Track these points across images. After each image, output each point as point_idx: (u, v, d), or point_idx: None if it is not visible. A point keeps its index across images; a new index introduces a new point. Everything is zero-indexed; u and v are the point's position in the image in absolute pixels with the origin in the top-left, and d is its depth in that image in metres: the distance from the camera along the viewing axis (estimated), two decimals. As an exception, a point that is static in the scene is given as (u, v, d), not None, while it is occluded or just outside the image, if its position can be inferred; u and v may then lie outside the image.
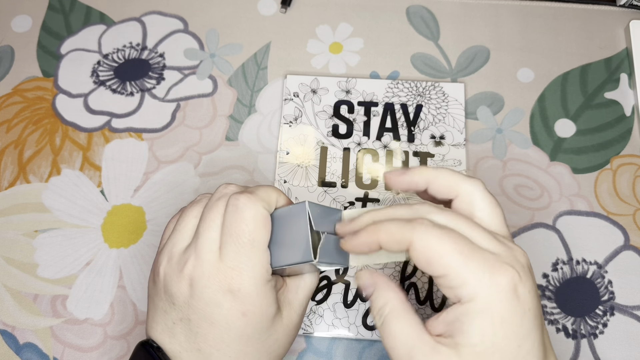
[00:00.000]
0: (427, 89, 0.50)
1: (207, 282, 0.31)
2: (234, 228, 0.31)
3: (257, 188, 0.33)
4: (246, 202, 0.31)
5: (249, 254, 0.31)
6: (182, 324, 0.31)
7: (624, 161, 0.48)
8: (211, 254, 0.31)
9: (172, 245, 0.33)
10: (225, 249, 0.31)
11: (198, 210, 0.33)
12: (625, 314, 0.43)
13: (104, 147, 0.49)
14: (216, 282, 0.31)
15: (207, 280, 0.31)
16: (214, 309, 0.31)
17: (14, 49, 0.53)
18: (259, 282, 0.31)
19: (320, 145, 0.48)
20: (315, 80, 0.51)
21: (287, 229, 0.32)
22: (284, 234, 0.32)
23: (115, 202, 0.47)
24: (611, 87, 0.51)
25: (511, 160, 0.48)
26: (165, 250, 0.33)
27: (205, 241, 0.31)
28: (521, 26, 0.54)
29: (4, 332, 0.43)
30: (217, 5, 0.55)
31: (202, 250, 0.31)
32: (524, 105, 0.50)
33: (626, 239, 0.45)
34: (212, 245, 0.31)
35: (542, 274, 0.44)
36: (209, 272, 0.31)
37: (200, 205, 0.34)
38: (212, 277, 0.31)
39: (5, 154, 0.49)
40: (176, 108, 0.51)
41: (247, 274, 0.31)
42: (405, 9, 0.54)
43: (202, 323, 0.31)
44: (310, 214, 0.31)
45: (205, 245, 0.31)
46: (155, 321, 0.33)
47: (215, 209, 0.32)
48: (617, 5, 0.54)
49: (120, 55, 0.53)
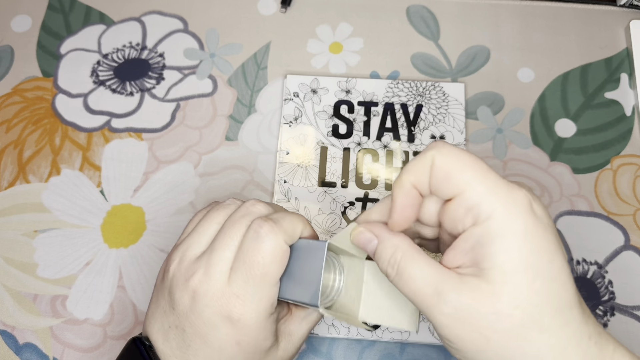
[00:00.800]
0: (427, 89, 0.50)
1: (209, 302, 0.30)
2: (249, 257, 0.30)
3: (283, 216, 0.31)
4: (268, 233, 0.30)
5: (258, 287, 0.30)
6: (177, 331, 0.31)
7: (624, 161, 0.48)
8: (220, 275, 0.30)
9: (187, 246, 0.32)
10: (235, 275, 0.30)
11: (222, 217, 0.32)
12: (625, 314, 0.43)
13: (103, 147, 0.49)
14: (218, 305, 0.30)
15: (209, 300, 0.30)
16: (210, 330, 0.30)
17: (13, 48, 0.53)
18: (261, 316, 0.30)
19: (320, 145, 0.48)
20: (315, 80, 0.51)
21: (303, 264, 0.31)
22: (298, 268, 0.31)
23: (115, 202, 0.47)
24: (611, 87, 0.51)
25: (511, 160, 0.48)
26: (180, 250, 0.32)
27: (218, 260, 0.30)
28: (521, 26, 0.54)
29: (4, 332, 0.43)
30: (217, 5, 0.55)
31: (212, 267, 0.30)
32: (524, 105, 0.50)
33: (626, 239, 0.45)
34: (223, 265, 0.30)
35: (543, 274, 0.44)
36: (214, 292, 0.30)
37: (226, 211, 0.33)
38: (215, 299, 0.30)
39: (5, 154, 0.49)
40: (176, 108, 0.50)
41: (250, 306, 0.30)
42: (406, 9, 0.54)
43: (196, 339, 0.31)
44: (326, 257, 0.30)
45: (217, 263, 0.30)
46: (154, 318, 0.32)
47: (236, 227, 0.31)
48: (618, 5, 0.54)
49: (120, 55, 0.53)
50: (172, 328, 0.31)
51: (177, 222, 0.46)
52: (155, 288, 0.34)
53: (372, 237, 0.28)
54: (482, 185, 0.25)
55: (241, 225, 0.31)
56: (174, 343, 0.31)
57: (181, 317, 0.31)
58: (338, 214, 0.46)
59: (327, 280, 0.31)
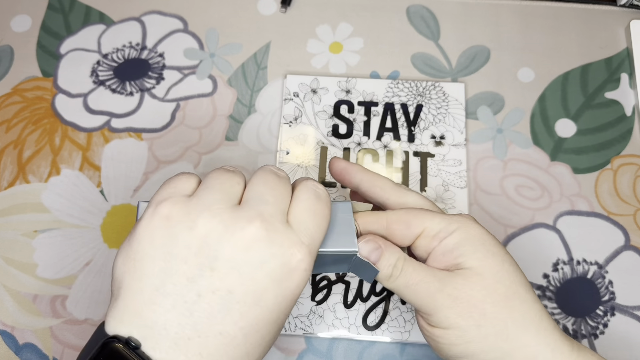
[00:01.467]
0: (428, 89, 0.50)
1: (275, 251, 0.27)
2: (320, 210, 0.30)
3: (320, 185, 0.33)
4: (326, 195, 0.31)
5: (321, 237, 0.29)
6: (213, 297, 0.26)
7: (624, 161, 0.48)
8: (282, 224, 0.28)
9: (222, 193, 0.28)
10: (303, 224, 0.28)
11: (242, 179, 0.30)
12: (625, 314, 0.43)
13: (103, 147, 0.49)
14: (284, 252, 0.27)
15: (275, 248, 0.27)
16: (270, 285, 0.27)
17: (13, 48, 0.53)
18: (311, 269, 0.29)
19: (320, 145, 0.48)
20: (315, 80, 0.50)
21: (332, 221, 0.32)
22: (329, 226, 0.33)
23: (115, 202, 0.47)
24: (612, 87, 0.51)
25: (512, 160, 0.48)
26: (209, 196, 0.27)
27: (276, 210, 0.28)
28: (522, 26, 0.53)
29: (4, 332, 0.43)
30: (216, 4, 0.55)
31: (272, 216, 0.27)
32: (524, 105, 0.50)
33: (627, 239, 0.45)
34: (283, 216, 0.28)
35: (543, 274, 0.44)
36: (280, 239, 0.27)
37: (240, 176, 0.30)
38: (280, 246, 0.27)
39: (4, 154, 0.49)
40: (176, 108, 0.50)
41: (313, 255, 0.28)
42: (406, 9, 0.54)
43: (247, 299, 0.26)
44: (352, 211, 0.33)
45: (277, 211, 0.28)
46: (156, 295, 0.26)
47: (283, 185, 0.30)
48: (618, 5, 0.54)
49: (120, 55, 0.52)
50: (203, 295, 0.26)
51: (177, 222, 0.46)
52: (140, 260, 0.26)
53: (378, 246, 0.32)
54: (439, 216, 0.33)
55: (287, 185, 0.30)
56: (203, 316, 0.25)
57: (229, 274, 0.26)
58: (338, 214, 0.46)
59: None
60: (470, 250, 0.32)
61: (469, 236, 0.32)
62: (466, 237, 0.32)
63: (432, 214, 0.33)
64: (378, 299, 0.43)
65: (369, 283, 0.43)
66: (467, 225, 0.33)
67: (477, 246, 0.32)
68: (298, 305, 0.43)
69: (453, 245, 0.32)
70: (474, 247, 0.32)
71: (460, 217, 0.33)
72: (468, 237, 0.32)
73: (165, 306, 0.26)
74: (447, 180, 0.47)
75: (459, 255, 0.32)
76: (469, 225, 0.33)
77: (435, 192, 0.46)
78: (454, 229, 0.32)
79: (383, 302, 0.43)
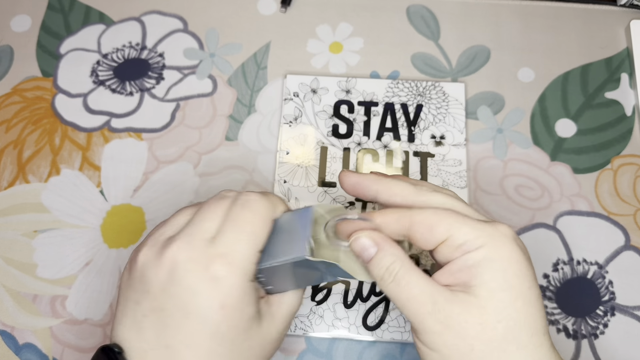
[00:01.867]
0: (428, 89, 0.50)
1: (190, 267, 0.29)
2: (240, 216, 0.30)
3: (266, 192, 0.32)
4: (257, 199, 0.31)
5: (246, 244, 0.30)
6: (153, 316, 0.29)
7: (624, 161, 0.48)
8: (202, 241, 0.30)
9: (160, 234, 0.31)
10: (222, 235, 0.30)
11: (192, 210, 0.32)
12: (626, 314, 0.43)
13: (103, 147, 0.49)
14: (201, 267, 0.29)
15: (191, 264, 0.29)
16: (192, 298, 0.29)
17: (13, 48, 0.53)
18: (245, 277, 0.29)
19: (320, 145, 0.48)
20: (315, 80, 0.50)
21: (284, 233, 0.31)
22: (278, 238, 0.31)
23: (115, 202, 0.47)
24: (612, 87, 0.51)
25: (512, 160, 0.48)
26: (150, 239, 0.31)
27: (199, 228, 0.30)
28: (522, 26, 0.53)
29: (3, 332, 0.43)
30: (216, 4, 0.55)
31: (193, 234, 0.30)
32: (524, 105, 0.50)
33: (627, 239, 0.45)
34: (205, 234, 0.30)
35: (543, 274, 0.44)
36: (196, 256, 0.29)
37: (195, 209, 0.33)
38: (197, 262, 0.29)
39: (4, 154, 0.49)
40: (176, 108, 0.50)
41: (236, 264, 0.29)
42: (406, 9, 0.54)
43: (176, 314, 0.29)
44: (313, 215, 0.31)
45: (198, 232, 0.30)
46: (124, 315, 0.30)
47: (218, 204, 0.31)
48: (618, 5, 0.54)
49: (120, 55, 0.52)
50: (146, 315, 0.30)
51: (177, 222, 0.46)
52: (120, 289, 0.32)
53: (372, 244, 0.30)
54: (467, 226, 0.29)
55: (223, 203, 0.31)
56: (151, 332, 0.29)
57: (158, 295, 0.29)
58: (338, 214, 0.46)
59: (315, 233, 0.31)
60: (487, 275, 0.28)
61: (493, 258, 0.28)
62: (490, 258, 0.28)
63: (461, 221, 0.29)
64: (378, 299, 0.43)
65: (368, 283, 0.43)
66: (497, 244, 0.28)
67: (497, 272, 0.28)
68: (298, 305, 0.43)
69: (472, 264, 0.28)
70: (493, 274, 0.28)
71: (493, 230, 0.29)
72: (492, 259, 0.28)
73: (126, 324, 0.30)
74: (447, 180, 0.47)
75: (473, 276, 0.28)
76: (499, 245, 0.28)
77: (435, 192, 0.46)
78: (480, 244, 0.28)
79: (383, 302, 0.43)
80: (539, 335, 0.28)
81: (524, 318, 0.28)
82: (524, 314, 0.28)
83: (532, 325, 0.28)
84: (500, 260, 0.28)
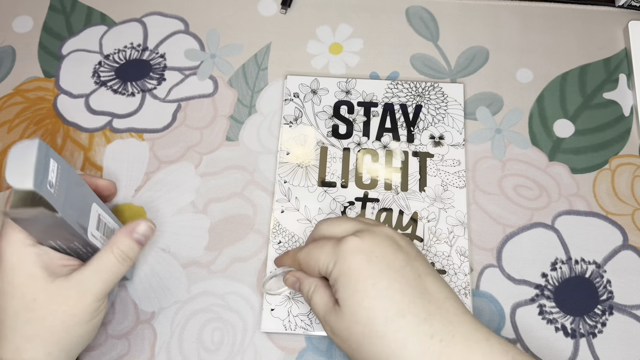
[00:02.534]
0: (427, 90, 0.50)
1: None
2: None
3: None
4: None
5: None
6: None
7: (622, 161, 0.48)
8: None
9: None
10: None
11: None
12: (624, 313, 0.43)
13: (105, 148, 0.49)
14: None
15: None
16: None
17: (15, 49, 0.53)
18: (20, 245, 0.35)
19: (320, 145, 0.48)
20: (315, 80, 0.51)
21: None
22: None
23: (117, 202, 0.47)
24: (610, 88, 0.51)
25: (510, 160, 0.48)
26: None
27: None
28: (520, 27, 0.54)
29: (6, 331, 0.43)
30: (217, 6, 0.55)
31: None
32: (523, 105, 0.50)
33: (625, 239, 0.45)
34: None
35: (541, 273, 0.44)
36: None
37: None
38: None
39: (6, 155, 0.49)
40: (177, 108, 0.51)
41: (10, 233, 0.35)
42: (405, 10, 0.55)
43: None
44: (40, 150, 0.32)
45: None
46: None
47: None
48: (616, 6, 0.54)
49: (121, 55, 0.53)
50: None
51: (178, 222, 0.46)
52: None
53: (297, 279, 0.38)
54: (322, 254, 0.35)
55: None
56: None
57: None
58: (338, 213, 0.46)
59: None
60: (341, 287, 0.34)
61: (343, 271, 0.34)
62: (340, 272, 0.34)
63: (321, 248, 0.35)
64: (377, 298, 0.43)
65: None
66: (345, 258, 0.34)
67: (347, 282, 0.33)
68: (298, 304, 0.43)
69: (332, 283, 0.35)
70: (345, 284, 0.34)
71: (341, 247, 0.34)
72: (342, 272, 0.34)
73: None
74: (446, 180, 0.47)
75: (335, 292, 0.34)
76: (346, 258, 0.34)
77: (435, 192, 0.46)
78: (334, 263, 0.34)
79: (382, 301, 0.43)
80: (395, 320, 0.32)
81: (373, 313, 0.33)
82: (372, 309, 0.33)
83: (382, 314, 0.32)
84: (348, 271, 0.33)
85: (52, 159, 0.33)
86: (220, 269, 0.45)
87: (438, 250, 0.44)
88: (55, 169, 0.34)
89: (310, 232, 0.44)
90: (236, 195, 0.47)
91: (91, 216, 0.38)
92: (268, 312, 0.43)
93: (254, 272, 0.45)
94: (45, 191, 0.32)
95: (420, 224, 0.45)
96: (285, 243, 0.45)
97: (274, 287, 0.43)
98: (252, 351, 0.42)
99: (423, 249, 0.45)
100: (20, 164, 0.32)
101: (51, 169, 0.33)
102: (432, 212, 0.46)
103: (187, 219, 0.46)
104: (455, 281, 0.44)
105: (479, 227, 0.46)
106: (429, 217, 0.46)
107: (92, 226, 0.38)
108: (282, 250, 0.45)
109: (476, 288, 0.44)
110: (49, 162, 0.33)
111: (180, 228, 0.46)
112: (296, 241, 0.45)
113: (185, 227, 0.46)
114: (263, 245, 0.46)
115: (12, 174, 0.31)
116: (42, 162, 0.32)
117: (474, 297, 0.44)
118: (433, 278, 0.34)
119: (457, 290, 0.43)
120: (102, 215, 0.39)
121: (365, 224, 0.37)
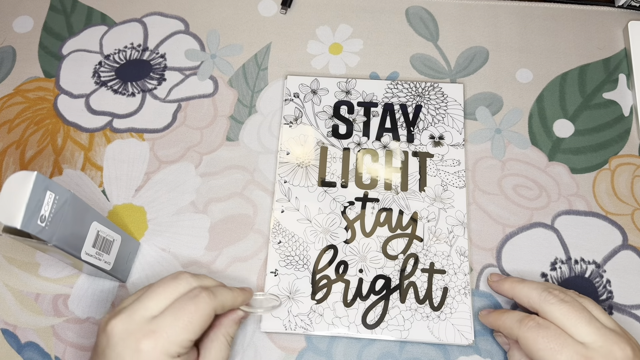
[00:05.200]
0: (427, 90, 0.50)
1: (124, 336, 0.34)
2: (184, 306, 0.35)
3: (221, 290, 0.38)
4: (205, 297, 0.36)
5: (177, 331, 0.34)
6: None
7: (622, 161, 0.48)
8: (142, 318, 0.35)
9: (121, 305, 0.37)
10: (162, 316, 0.35)
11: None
12: (623, 313, 0.43)
13: (105, 147, 0.49)
14: (132, 338, 0.34)
15: (125, 334, 0.34)
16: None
17: (15, 49, 0.54)
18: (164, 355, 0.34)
19: (320, 145, 0.48)
20: (315, 80, 0.51)
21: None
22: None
23: (117, 202, 0.47)
24: (610, 88, 0.51)
25: (510, 160, 0.48)
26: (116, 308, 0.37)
27: (143, 305, 0.35)
28: (520, 27, 0.54)
29: (6, 331, 0.43)
30: (217, 6, 0.55)
31: (136, 310, 0.35)
32: (522, 105, 0.50)
33: (624, 239, 0.46)
34: (146, 312, 0.35)
35: (541, 273, 0.44)
36: (132, 329, 0.34)
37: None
38: (130, 333, 0.34)
39: (7, 154, 0.49)
40: (177, 108, 0.51)
41: (161, 343, 0.34)
42: (405, 10, 0.55)
43: None
44: (36, 185, 0.32)
45: (141, 307, 0.35)
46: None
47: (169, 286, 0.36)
48: (616, 6, 0.55)
49: (122, 56, 0.53)
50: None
51: (179, 222, 0.46)
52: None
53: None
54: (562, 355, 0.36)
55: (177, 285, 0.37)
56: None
57: (99, 356, 0.35)
58: (338, 213, 0.46)
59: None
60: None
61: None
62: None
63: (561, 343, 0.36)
64: (377, 297, 0.43)
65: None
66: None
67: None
68: (298, 304, 0.43)
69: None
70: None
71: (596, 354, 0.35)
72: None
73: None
74: (446, 180, 0.47)
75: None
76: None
77: (434, 192, 0.46)
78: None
79: (382, 301, 0.43)
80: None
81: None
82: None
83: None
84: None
85: (49, 191, 0.33)
86: (221, 269, 0.45)
87: (438, 250, 0.45)
88: (51, 201, 0.34)
89: (310, 232, 0.45)
90: (236, 195, 0.47)
91: (89, 235, 0.38)
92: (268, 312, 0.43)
93: (254, 272, 0.45)
94: (34, 227, 0.32)
95: (420, 223, 0.45)
96: (285, 243, 0.45)
97: (256, 304, 0.43)
98: (252, 351, 0.42)
99: (423, 249, 0.45)
100: (12, 199, 0.32)
101: (45, 202, 0.33)
102: (432, 212, 0.46)
103: (187, 219, 0.47)
104: (455, 281, 0.44)
105: (478, 227, 0.46)
106: (428, 217, 0.46)
107: (87, 245, 0.38)
108: (282, 249, 0.45)
109: (476, 288, 0.44)
110: (44, 196, 0.33)
111: (180, 228, 0.46)
112: (296, 241, 0.45)
113: (185, 227, 0.46)
114: (263, 245, 0.46)
115: (2, 210, 0.32)
116: (35, 197, 0.32)
117: (473, 297, 0.44)
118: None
119: (457, 290, 0.43)
120: (101, 231, 0.39)
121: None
